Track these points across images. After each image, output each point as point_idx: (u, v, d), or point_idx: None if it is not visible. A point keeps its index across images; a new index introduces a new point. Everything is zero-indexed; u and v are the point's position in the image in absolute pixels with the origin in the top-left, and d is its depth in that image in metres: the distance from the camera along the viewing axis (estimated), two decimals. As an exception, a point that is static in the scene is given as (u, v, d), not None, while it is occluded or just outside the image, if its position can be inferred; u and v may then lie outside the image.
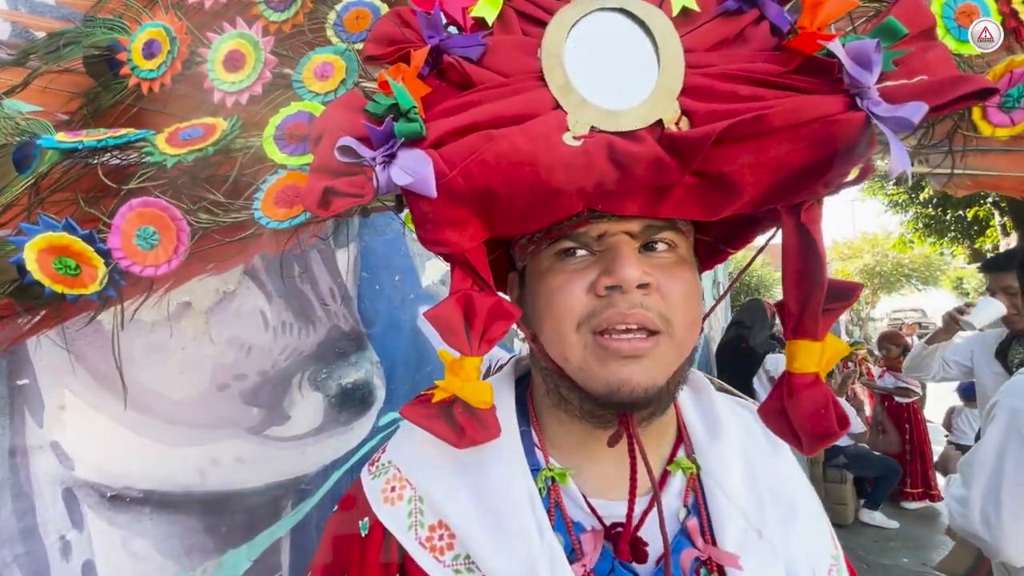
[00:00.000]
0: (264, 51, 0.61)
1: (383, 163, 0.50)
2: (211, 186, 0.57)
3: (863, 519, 4.44)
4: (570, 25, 0.55)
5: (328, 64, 0.59)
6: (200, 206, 0.55)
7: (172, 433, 1.13)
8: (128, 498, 1.06)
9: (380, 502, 0.63)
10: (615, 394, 0.55)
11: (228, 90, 0.61)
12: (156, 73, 0.64)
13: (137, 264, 0.53)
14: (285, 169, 0.55)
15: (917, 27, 0.51)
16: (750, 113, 0.47)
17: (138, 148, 0.58)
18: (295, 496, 1.33)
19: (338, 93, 0.58)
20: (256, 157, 0.57)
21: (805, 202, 0.55)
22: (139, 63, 0.64)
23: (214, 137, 0.57)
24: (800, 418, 0.52)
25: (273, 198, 0.53)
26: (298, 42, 0.64)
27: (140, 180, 0.57)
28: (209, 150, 0.56)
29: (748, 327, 4.16)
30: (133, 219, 0.53)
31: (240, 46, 0.61)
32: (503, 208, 0.53)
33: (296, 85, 0.59)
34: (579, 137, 0.50)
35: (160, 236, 0.54)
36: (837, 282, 0.54)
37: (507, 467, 0.61)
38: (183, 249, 0.54)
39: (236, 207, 0.55)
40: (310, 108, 0.57)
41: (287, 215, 0.52)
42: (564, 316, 0.57)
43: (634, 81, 0.52)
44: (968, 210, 7.36)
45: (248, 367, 1.26)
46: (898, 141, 0.46)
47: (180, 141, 0.56)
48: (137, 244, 0.53)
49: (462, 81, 0.55)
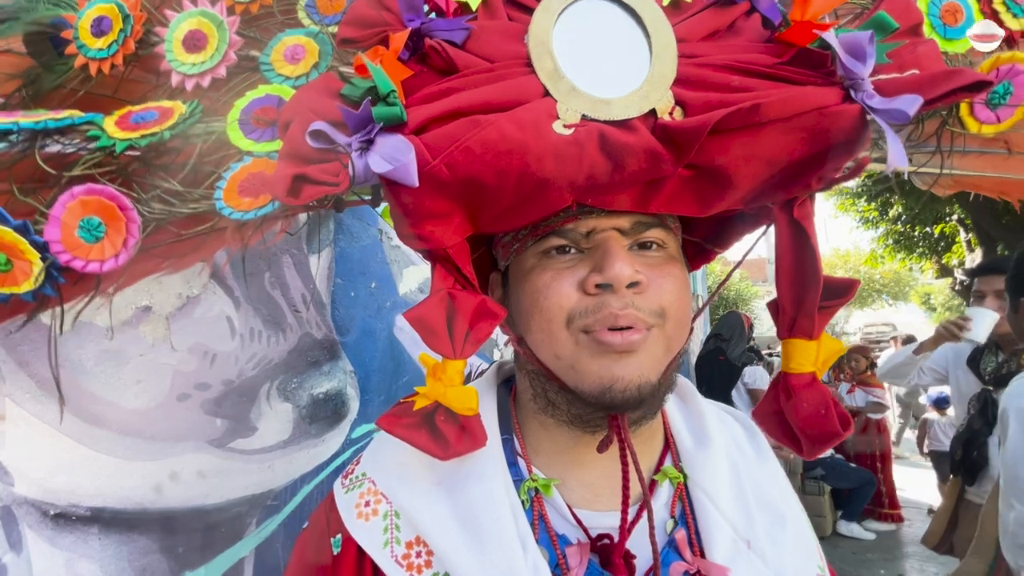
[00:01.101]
0: (229, 31, 0.57)
1: (360, 149, 0.46)
2: (167, 174, 0.51)
3: (840, 531, 4.53)
4: (558, 11, 0.52)
5: (299, 47, 0.55)
6: (154, 195, 0.50)
7: (126, 446, 1.05)
8: (74, 516, 0.97)
9: (353, 517, 0.58)
10: (607, 392, 0.52)
11: (188, 72, 0.56)
12: (106, 53, 0.58)
13: (79, 258, 0.48)
14: (251, 156, 0.50)
15: (906, 23, 0.51)
16: (746, 103, 0.45)
17: (83, 132, 0.52)
18: (260, 513, 1.25)
19: (310, 78, 0.54)
20: (219, 143, 0.52)
21: (798, 197, 0.54)
22: (87, 41, 0.59)
23: (171, 121, 0.52)
24: (799, 420, 0.50)
25: (238, 187, 0.49)
26: (267, 23, 0.60)
27: (85, 166, 0.51)
28: (165, 134, 0.51)
29: (726, 340, 4.27)
30: (75, 208, 0.48)
31: (202, 25, 0.57)
32: (489, 200, 0.50)
33: (264, 68, 0.55)
34: (569, 125, 0.48)
35: (107, 228, 0.48)
36: (832, 279, 0.53)
37: (489, 479, 0.58)
38: (133, 242, 0.49)
39: (195, 196, 0.50)
40: (279, 92, 0.53)
41: (253, 205, 0.47)
42: (553, 314, 0.54)
43: (625, 70, 0.50)
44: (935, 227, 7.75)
45: (212, 376, 1.19)
46: (894, 135, 0.46)
47: (131, 124, 0.51)
48: (80, 236, 0.48)
49: (445, 66, 0.52)
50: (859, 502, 4.50)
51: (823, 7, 0.52)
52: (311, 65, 0.55)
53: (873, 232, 8.81)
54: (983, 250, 6.66)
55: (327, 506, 0.62)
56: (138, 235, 0.49)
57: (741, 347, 4.26)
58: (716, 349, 4.31)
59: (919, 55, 0.49)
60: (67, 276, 0.50)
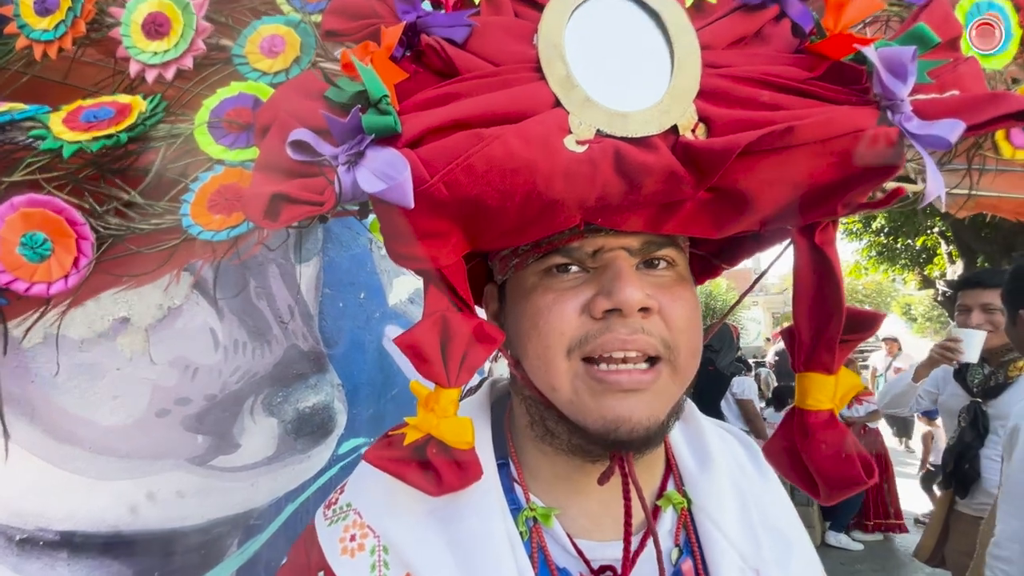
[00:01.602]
0: (196, 16, 0.50)
1: (348, 163, 0.41)
2: (125, 182, 0.45)
3: (829, 541, 4.62)
4: (571, 9, 0.47)
5: (278, 37, 0.48)
6: (109, 208, 0.44)
7: (100, 465, 0.99)
8: (41, 542, 0.91)
9: (337, 553, 0.55)
10: (612, 432, 0.49)
11: (148, 61, 0.49)
12: (52, 35, 0.51)
13: (21, 279, 0.42)
14: (222, 165, 0.44)
15: (947, 35, 0.47)
16: (779, 124, 0.41)
17: (25, 129, 0.46)
18: (242, 533, 1.21)
19: (291, 74, 0.48)
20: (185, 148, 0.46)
21: (820, 223, 0.51)
22: (30, 21, 0.51)
23: (128, 120, 0.45)
24: (818, 463, 0.47)
25: (207, 201, 0.43)
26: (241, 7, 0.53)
27: (26, 171, 0.44)
28: (122, 137, 0.44)
29: (716, 350, 4.36)
30: (16, 222, 0.41)
31: (164, 7, 0.49)
32: (490, 221, 0.45)
33: (237, 61, 0.48)
34: (583, 141, 0.43)
35: (53, 245, 0.42)
36: (856, 311, 0.50)
37: (484, 508, 0.55)
38: (85, 262, 0.43)
39: (158, 210, 0.44)
40: (255, 90, 0.47)
41: (225, 224, 0.42)
42: (552, 341, 0.50)
43: (645, 79, 0.45)
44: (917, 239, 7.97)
45: (193, 390, 1.13)
46: (933, 162, 0.42)
47: (82, 124, 0.45)
48: (21, 254, 0.42)
49: (444, 67, 0.46)
50: (847, 512, 4.59)
51: (858, 15, 0.48)
52: (291, 60, 0.48)
53: (856, 243, 9.04)
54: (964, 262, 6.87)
55: (307, 540, 0.58)
56: (91, 254, 0.43)
57: (730, 357, 4.38)
58: (706, 360, 4.42)
59: (960, 74, 0.46)
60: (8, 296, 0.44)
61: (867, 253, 8.88)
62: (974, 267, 6.22)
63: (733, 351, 4.46)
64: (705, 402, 4.33)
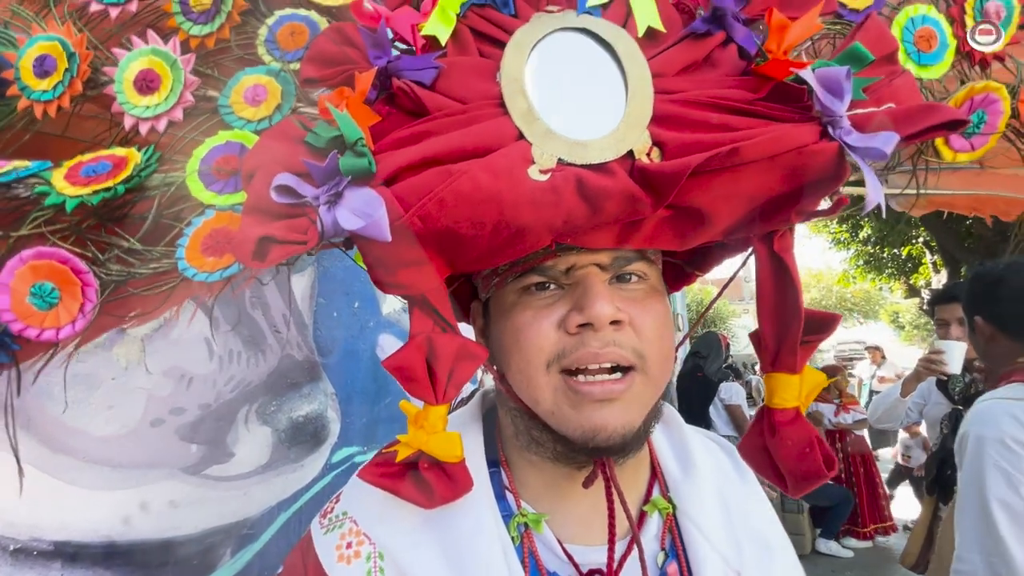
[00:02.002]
0: (184, 70, 0.53)
1: (328, 203, 0.44)
2: (123, 229, 0.49)
3: (819, 548, 4.61)
4: (531, 46, 0.51)
5: (260, 87, 0.52)
6: (111, 255, 0.47)
7: (94, 475, 1.01)
8: (35, 551, 0.93)
9: (334, 560, 0.57)
10: (591, 440, 0.52)
11: (141, 115, 0.53)
12: (51, 94, 0.54)
13: (32, 327, 0.45)
14: (213, 209, 0.48)
15: (881, 51, 0.50)
16: (725, 146, 0.44)
17: (30, 185, 0.49)
18: (235, 542, 1.23)
19: (273, 120, 0.52)
20: (178, 195, 0.49)
21: (778, 230, 0.54)
22: (30, 83, 0.55)
23: (125, 172, 0.49)
24: (784, 458, 0.50)
25: (200, 244, 0.46)
26: (225, 59, 0.57)
27: (33, 224, 0.48)
28: (119, 188, 0.48)
29: (704, 357, 4.49)
30: (25, 274, 0.45)
31: (154, 65, 0.53)
32: (465, 248, 0.48)
33: (224, 111, 0.52)
34: (546, 171, 0.46)
35: (61, 293, 0.45)
36: (814, 313, 0.52)
37: (477, 516, 0.57)
38: (90, 307, 0.46)
39: (156, 255, 0.47)
40: (241, 138, 0.50)
41: (217, 265, 0.45)
42: (532, 356, 0.53)
43: (601, 108, 0.49)
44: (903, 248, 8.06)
45: (188, 400, 1.16)
46: (872, 172, 0.45)
47: (82, 178, 0.48)
48: (32, 303, 0.45)
49: (414, 108, 0.50)
50: (837, 520, 4.60)
51: (799, 37, 0.51)
52: (274, 107, 0.52)
53: (844, 253, 9.14)
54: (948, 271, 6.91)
55: (304, 548, 0.60)
56: (95, 299, 0.46)
57: (718, 364, 4.48)
58: (695, 366, 4.56)
59: (895, 88, 0.49)
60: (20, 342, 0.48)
61: (855, 262, 9.01)
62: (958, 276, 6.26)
63: (721, 358, 4.56)
64: (694, 407, 4.40)
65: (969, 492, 1.21)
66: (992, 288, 1.40)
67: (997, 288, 1.38)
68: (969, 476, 1.23)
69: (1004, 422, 1.18)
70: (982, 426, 1.23)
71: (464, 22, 0.52)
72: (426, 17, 0.52)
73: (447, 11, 0.51)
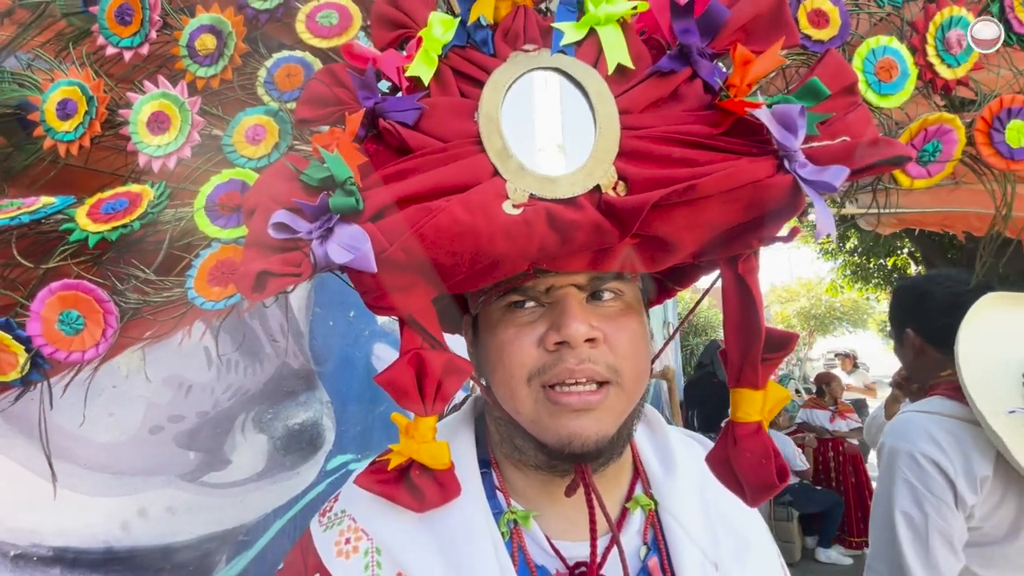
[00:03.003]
0: (191, 112, 0.58)
1: (320, 238, 0.49)
2: (139, 260, 0.54)
3: (819, 558, 4.60)
4: (506, 86, 0.54)
5: (260, 127, 0.57)
6: (128, 285, 0.52)
7: (93, 481, 1.03)
8: (36, 557, 0.95)
9: (333, 556, 0.61)
10: (567, 447, 0.56)
11: (154, 154, 0.58)
12: (73, 135, 0.60)
13: (61, 350, 0.51)
14: (218, 242, 0.53)
15: (839, 85, 0.53)
16: (683, 182, 0.48)
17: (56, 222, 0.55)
18: (231, 549, 1.25)
19: (272, 158, 0.56)
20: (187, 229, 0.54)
21: (742, 254, 0.57)
22: (54, 124, 0.60)
23: (140, 209, 0.54)
24: (743, 468, 0.54)
25: (207, 275, 0.51)
26: (228, 98, 0.62)
27: (60, 257, 0.53)
28: (135, 225, 0.53)
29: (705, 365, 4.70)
30: (54, 303, 0.50)
31: (164, 107, 0.58)
32: (446, 274, 0.53)
33: (227, 149, 0.56)
34: (519, 205, 0.50)
35: (86, 320, 0.51)
36: (774, 332, 0.56)
37: (469, 512, 0.61)
38: (112, 332, 0.51)
39: (168, 285, 0.53)
40: (243, 176, 0.55)
41: (222, 295, 0.50)
42: (515, 371, 0.58)
43: (571, 144, 0.52)
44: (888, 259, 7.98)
45: (186, 407, 1.18)
46: (823, 203, 0.48)
47: (103, 215, 0.53)
48: (60, 330, 0.50)
49: (399, 146, 0.54)
50: (831, 526, 4.59)
51: (762, 71, 0.54)
52: (272, 146, 0.57)
53: (832, 263, 9.02)
54: None
55: (304, 545, 0.64)
56: (116, 325, 0.51)
57: None
58: (705, 374, 4.71)
59: (850, 121, 0.52)
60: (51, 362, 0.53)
61: (842, 272, 8.97)
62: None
63: (726, 366, 4.76)
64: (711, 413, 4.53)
65: (880, 503, 1.21)
66: (919, 301, 1.39)
67: (923, 301, 1.37)
68: (881, 487, 1.22)
69: (918, 436, 1.17)
70: (896, 438, 1.22)
71: (446, 62, 0.56)
72: (410, 59, 0.56)
73: (430, 53, 0.55)
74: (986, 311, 1.16)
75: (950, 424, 1.16)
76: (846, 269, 8.85)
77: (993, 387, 1.10)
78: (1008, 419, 1.06)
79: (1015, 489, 1.09)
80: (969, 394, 1.10)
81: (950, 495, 1.11)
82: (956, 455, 1.12)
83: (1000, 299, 1.17)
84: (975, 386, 1.10)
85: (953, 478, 1.11)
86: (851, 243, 8.08)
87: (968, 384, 1.10)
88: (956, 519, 1.10)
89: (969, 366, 1.12)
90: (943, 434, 1.15)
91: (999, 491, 1.11)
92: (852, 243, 8.07)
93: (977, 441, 1.11)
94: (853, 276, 8.81)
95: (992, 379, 1.11)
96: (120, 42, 0.62)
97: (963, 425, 1.15)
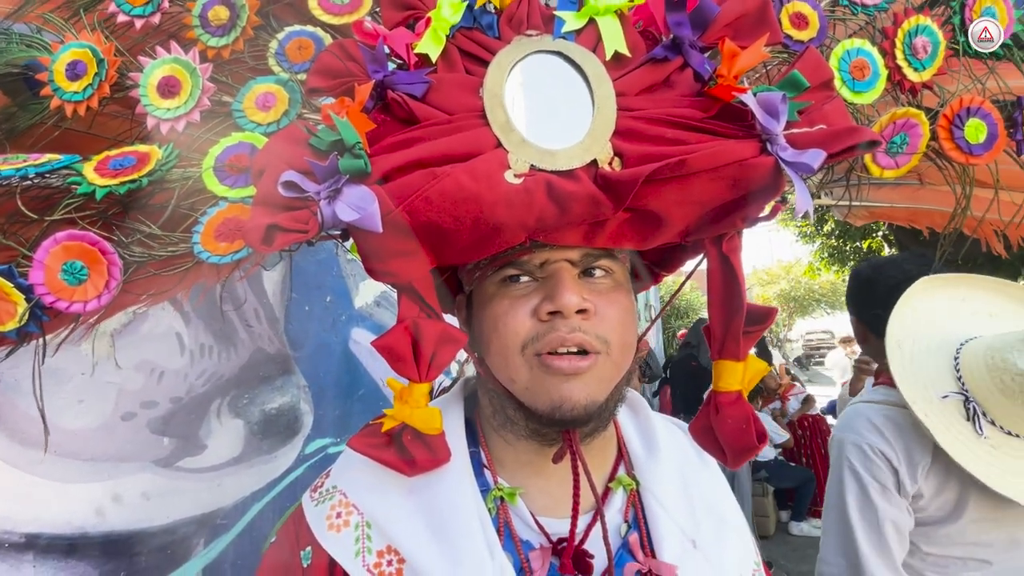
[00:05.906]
0: (202, 78, 0.60)
1: (328, 198, 0.51)
2: (145, 217, 0.55)
3: (792, 531, 4.71)
4: (510, 65, 0.57)
5: (270, 94, 0.58)
6: (134, 239, 0.53)
7: (66, 468, 1.01)
8: (7, 544, 0.93)
9: (324, 529, 0.62)
10: (558, 411, 0.58)
11: (163, 117, 0.59)
12: (81, 96, 0.61)
13: (63, 300, 0.51)
14: (226, 201, 0.54)
15: (818, 79, 0.57)
16: (674, 157, 0.51)
17: (62, 176, 0.55)
18: (208, 533, 1.24)
19: (281, 124, 0.58)
20: (195, 188, 0.56)
21: (727, 234, 0.60)
22: (62, 84, 0.61)
23: (148, 167, 0.55)
24: (724, 434, 0.57)
25: (214, 231, 0.52)
26: (238, 68, 0.63)
27: (65, 210, 0.54)
28: (143, 181, 0.54)
29: (695, 346, 4.65)
30: (58, 253, 0.51)
31: (175, 72, 0.60)
32: (448, 240, 0.55)
33: (237, 114, 0.58)
34: (520, 175, 0.53)
35: (89, 271, 0.51)
36: (755, 306, 0.59)
37: (457, 488, 0.63)
38: (115, 284, 0.52)
39: (174, 240, 0.54)
40: (252, 139, 0.57)
41: (229, 250, 0.51)
42: (509, 340, 0.60)
43: (571, 122, 0.56)
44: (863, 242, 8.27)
45: (159, 393, 1.17)
46: (802, 183, 0.52)
47: (110, 171, 0.54)
48: (63, 279, 0.51)
49: (406, 117, 0.56)
50: (804, 500, 4.71)
51: (748, 64, 0.58)
52: (281, 112, 0.58)
53: (810, 246, 9.32)
54: None
55: (296, 519, 0.65)
56: (119, 277, 0.52)
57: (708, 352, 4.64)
58: (688, 356, 4.69)
59: (827, 111, 0.56)
60: (49, 314, 0.54)
61: (819, 255, 9.19)
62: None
63: (709, 346, 4.80)
64: (690, 394, 4.52)
65: (832, 494, 1.21)
66: (860, 289, 1.38)
67: (864, 289, 1.37)
68: (833, 478, 1.23)
69: (862, 426, 1.18)
70: (844, 429, 1.23)
71: (453, 42, 0.59)
72: (419, 37, 0.58)
73: (438, 32, 0.58)
74: (918, 297, 1.15)
75: (892, 412, 1.16)
76: (823, 251, 9.03)
77: (925, 372, 1.10)
78: (941, 404, 1.07)
79: (956, 472, 1.09)
80: (897, 382, 1.10)
81: (894, 483, 1.13)
82: (898, 443, 1.13)
83: (932, 282, 1.16)
84: (905, 373, 1.10)
85: (896, 466, 1.13)
86: (828, 226, 8.29)
87: (897, 371, 1.10)
88: (902, 506, 1.12)
89: (902, 352, 1.11)
90: (886, 422, 1.17)
91: (940, 475, 1.11)
92: (829, 226, 8.27)
93: (917, 429, 1.11)
94: (830, 258, 9.00)
95: (924, 364, 1.11)
96: (132, 10, 0.64)
97: (904, 413, 1.14)
